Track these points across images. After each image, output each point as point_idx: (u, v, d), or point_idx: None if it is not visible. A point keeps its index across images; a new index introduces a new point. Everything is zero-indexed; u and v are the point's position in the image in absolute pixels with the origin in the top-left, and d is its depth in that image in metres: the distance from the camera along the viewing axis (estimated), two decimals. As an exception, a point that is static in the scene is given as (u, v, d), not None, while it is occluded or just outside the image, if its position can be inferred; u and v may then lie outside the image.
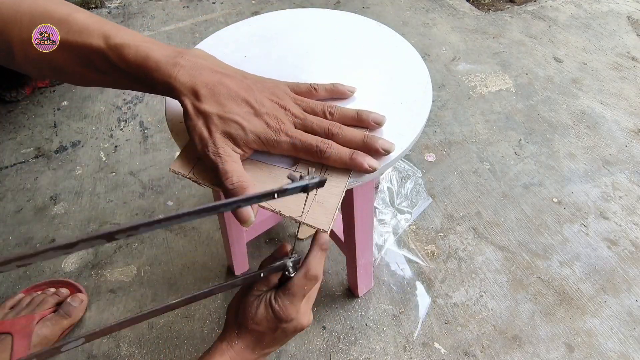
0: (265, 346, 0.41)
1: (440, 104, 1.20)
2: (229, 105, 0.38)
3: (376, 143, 0.41)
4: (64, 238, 0.92)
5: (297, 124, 0.40)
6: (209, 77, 0.38)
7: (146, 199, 0.99)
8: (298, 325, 0.40)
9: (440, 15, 1.52)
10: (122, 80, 0.40)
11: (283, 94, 0.42)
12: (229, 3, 1.61)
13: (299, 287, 0.39)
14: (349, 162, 0.40)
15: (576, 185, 1.00)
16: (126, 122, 1.18)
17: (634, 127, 1.13)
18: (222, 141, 0.37)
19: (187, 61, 0.38)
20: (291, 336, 0.42)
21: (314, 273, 0.39)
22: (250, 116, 0.38)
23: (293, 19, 0.62)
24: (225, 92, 0.38)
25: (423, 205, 0.97)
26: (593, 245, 0.90)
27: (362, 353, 0.76)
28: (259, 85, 0.41)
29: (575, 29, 1.45)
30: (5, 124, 1.18)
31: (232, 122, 0.37)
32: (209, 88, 0.37)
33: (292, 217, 0.37)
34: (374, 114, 0.44)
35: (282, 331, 0.40)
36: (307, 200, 0.37)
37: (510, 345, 0.76)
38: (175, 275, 0.86)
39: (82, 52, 0.38)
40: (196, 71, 0.38)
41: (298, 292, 0.39)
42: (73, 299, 0.79)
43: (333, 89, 0.47)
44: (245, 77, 0.41)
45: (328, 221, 0.37)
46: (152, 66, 0.37)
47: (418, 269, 0.86)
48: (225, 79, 0.39)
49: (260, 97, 0.39)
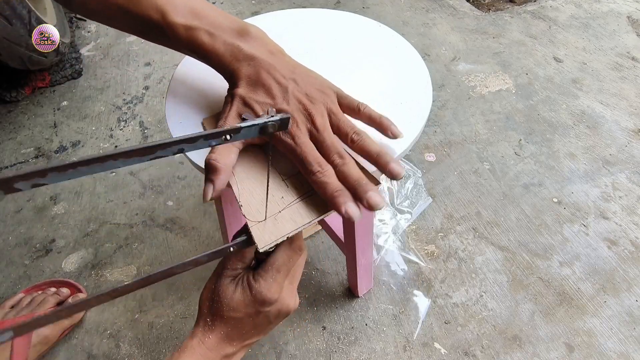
0: (245, 336, 0.37)
1: (440, 104, 1.20)
2: (257, 93, 0.39)
3: (365, 193, 0.35)
4: (63, 238, 0.92)
5: (312, 133, 0.38)
6: (256, 69, 0.39)
7: (146, 199, 0.99)
8: (283, 307, 0.36)
9: (440, 15, 1.52)
10: (180, 50, 0.42)
11: (319, 100, 0.39)
12: (229, 3, 1.61)
13: (282, 260, 0.35)
14: (330, 199, 0.35)
15: (576, 185, 1.00)
16: (126, 122, 1.18)
17: (634, 127, 1.13)
18: (233, 120, 0.38)
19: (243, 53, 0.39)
20: (275, 322, 0.38)
21: (298, 243, 0.36)
22: (268, 107, 0.38)
23: (293, 19, 0.62)
24: (261, 82, 0.39)
25: (423, 205, 0.97)
26: (593, 245, 0.90)
27: (362, 353, 0.76)
28: (301, 83, 0.39)
29: (575, 29, 1.45)
30: (5, 124, 1.18)
31: (249, 106, 0.38)
32: (251, 77, 0.39)
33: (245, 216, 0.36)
34: (393, 164, 0.37)
35: (264, 316, 0.36)
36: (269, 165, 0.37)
37: (510, 345, 0.76)
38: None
39: (140, 21, 0.40)
40: (248, 62, 0.39)
41: (282, 266, 0.35)
42: (74, 299, 0.79)
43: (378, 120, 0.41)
44: (293, 72, 0.40)
45: (267, 242, 0.34)
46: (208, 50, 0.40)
47: (418, 269, 0.86)
48: (269, 71, 0.39)
49: (290, 95, 0.39)
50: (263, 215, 0.36)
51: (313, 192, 0.37)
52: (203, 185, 0.36)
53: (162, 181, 1.03)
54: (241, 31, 0.40)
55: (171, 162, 1.07)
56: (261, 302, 0.35)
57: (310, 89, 0.40)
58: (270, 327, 0.38)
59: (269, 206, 0.36)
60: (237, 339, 0.36)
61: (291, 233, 0.35)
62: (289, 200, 0.37)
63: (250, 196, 0.37)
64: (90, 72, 1.32)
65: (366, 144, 0.39)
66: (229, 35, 0.40)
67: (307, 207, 0.37)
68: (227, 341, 0.36)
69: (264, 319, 0.36)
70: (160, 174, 1.04)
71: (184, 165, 1.06)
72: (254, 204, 0.37)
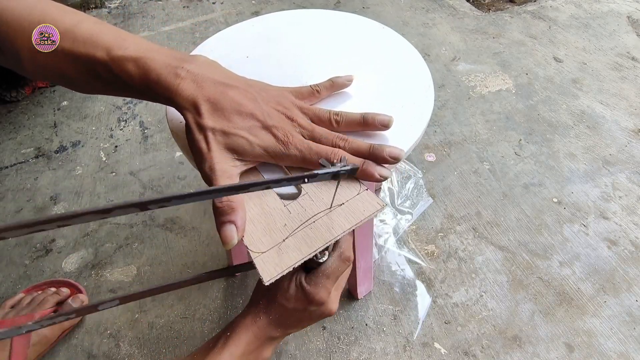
0: (289, 325, 0.40)
1: (440, 104, 1.20)
2: (234, 119, 0.37)
3: (383, 152, 0.39)
4: (63, 238, 0.92)
5: (305, 135, 0.40)
6: (211, 90, 0.37)
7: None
8: (326, 310, 0.39)
9: (440, 15, 1.52)
10: (127, 90, 0.39)
11: (289, 104, 0.41)
12: (229, 3, 1.61)
13: (333, 268, 0.38)
14: (360, 172, 0.38)
15: (576, 185, 1.00)
16: (126, 122, 1.18)
17: (634, 127, 1.13)
18: (221, 156, 0.36)
19: (188, 73, 0.36)
20: (315, 321, 0.41)
21: (347, 254, 0.39)
22: (257, 130, 0.37)
23: (295, 19, 0.62)
24: (229, 105, 0.37)
25: (424, 205, 0.97)
26: (593, 245, 0.90)
27: (362, 353, 0.76)
28: (264, 94, 0.40)
29: (575, 29, 1.45)
30: (5, 124, 1.18)
31: (237, 136, 0.36)
32: (212, 102, 0.36)
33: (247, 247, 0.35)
34: (380, 116, 0.43)
35: (309, 314, 0.39)
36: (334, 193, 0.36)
37: (510, 345, 0.76)
38: (175, 275, 0.86)
39: (86, 63, 0.38)
40: (198, 83, 0.36)
41: (332, 274, 0.38)
42: (74, 300, 0.78)
43: (332, 85, 0.47)
44: (250, 85, 0.40)
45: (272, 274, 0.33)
46: (153, 79, 0.36)
47: (418, 269, 0.86)
48: (229, 90, 0.37)
49: (266, 108, 0.38)
50: (266, 246, 0.35)
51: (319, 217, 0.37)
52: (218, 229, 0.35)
53: (162, 181, 1.03)
54: (185, 57, 0.38)
55: (171, 162, 1.07)
56: (310, 302, 0.38)
57: (274, 96, 0.40)
58: (309, 324, 0.42)
59: (272, 236, 0.35)
60: (282, 327, 0.40)
61: (297, 263, 0.34)
62: (293, 227, 0.36)
63: (251, 224, 0.36)
64: (90, 72, 1.32)
65: (349, 117, 0.43)
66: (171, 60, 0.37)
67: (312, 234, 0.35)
68: (273, 325, 0.39)
69: (308, 315, 0.40)
70: (160, 174, 1.04)
71: (184, 165, 1.06)
72: (255, 233, 0.36)
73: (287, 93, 0.43)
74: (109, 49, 0.37)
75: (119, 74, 0.37)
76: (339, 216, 0.36)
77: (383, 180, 0.39)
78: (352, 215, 0.36)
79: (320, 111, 0.42)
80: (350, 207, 0.37)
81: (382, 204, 0.37)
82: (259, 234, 0.36)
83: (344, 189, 0.38)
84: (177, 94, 0.36)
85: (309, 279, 0.38)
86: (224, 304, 0.82)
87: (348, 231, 0.36)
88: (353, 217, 0.36)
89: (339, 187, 0.37)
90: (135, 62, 0.37)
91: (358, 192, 0.38)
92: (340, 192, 0.38)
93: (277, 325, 0.39)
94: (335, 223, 0.36)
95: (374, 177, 0.38)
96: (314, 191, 0.39)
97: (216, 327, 0.79)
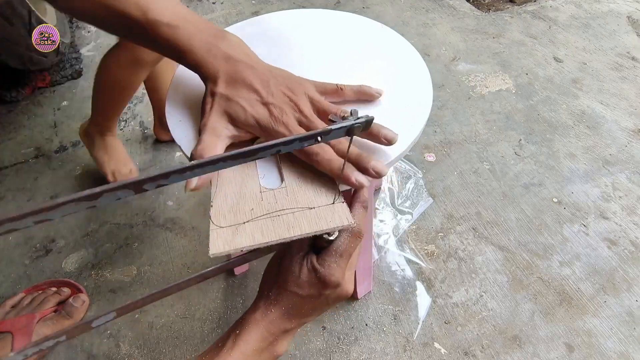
0: (305, 314, 0.38)
1: (440, 104, 1.20)
2: (240, 90, 0.40)
3: (367, 163, 0.39)
4: (63, 238, 0.91)
5: (302, 122, 0.40)
6: (233, 67, 0.41)
7: (146, 198, 0.99)
8: (342, 292, 0.37)
9: (440, 15, 1.52)
10: (155, 48, 0.42)
11: (300, 91, 0.41)
12: (229, 3, 1.61)
13: (345, 244, 0.36)
14: (337, 172, 0.38)
15: (576, 185, 1.00)
16: (126, 122, 1.18)
17: (634, 127, 1.13)
18: (217, 116, 0.39)
19: (219, 51, 0.41)
20: (332, 304, 0.39)
21: (358, 229, 0.37)
22: (256, 102, 0.40)
23: (295, 19, 0.62)
24: (242, 79, 0.40)
25: (424, 205, 0.97)
26: (593, 245, 0.90)
27: (362, 353, 0.76)
28: (280, 79, 0.42)
29: (575, 29, 1.45)
30: (5, 124, 1.18)
31: (236, 103, 0.39)
32: (230, 75, 0.40)
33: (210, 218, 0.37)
34: (385, 130, 0.41)
35: (325, 298, 0.37)
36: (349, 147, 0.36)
37: (510, 345, 0.76)
38: (175, 275, 0.86)
39: (121, 18, 0.40)
40: (225, 61, 0.40)
41: (344, 251, 0.36)
42: (75, 300, 0.79)
43: (360, 90, 0.47)
44: (270, 70, 0.42)
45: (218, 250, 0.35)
46: (186, 49, 0.40)
47: (418, 269, 0.86)
48: (248, 70, 0.41)
49: (274, 89, 0.41)
50: (226, 222, 0.36)
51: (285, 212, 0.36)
52: None
53: (162, 181, 1.03)
54: (219, 33, 0.42)
55: (171, 162, 1.07)
56: (325, 285, 0.36)
57: (289, 81, 0.42)
58: (326, 309, 0.40)
59: (236, 215, 0.36)
60: (296, 317, 0.38)
61: (244, 248, 0.34)
62: (257, 214, 0.36)
63: (223, 200, 0.38)
64: (91, 72, 1.32)
65: None
66: (206, 35, 0.41)
67: (272, 226, 0.35)
68: (287, 317, 0.37)
69: (324, 300, 0.37)
70: (160, 174, 1.04)
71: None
72: (223, 208, 0.37)
73: (307, 83, 0.43)
74: (144, 10, 0.40)
75: (152, 36, 0.40)
76: (303, 218, 0.36)
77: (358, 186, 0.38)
78: (317, 222, 0.35)
79: (330, 106, 0.42)
80: (318, 213, 0.36)
81: (351, 220, 0.35)
82: (225, 210, 0.37)
83: (322, 193, 0.38)
84: (205, 67, 0.41)
85: (322, 260, 0.36)
86: (224, 304, 0.82)
87: (303, 236, 0.35)
88: (316, 224, 0.35)
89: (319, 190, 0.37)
90: (170, 30, 0.40)
91: (333, 201, 0.37)
92: (316, 197, 0.37)
93: (292, 316, 0.37)
94: (297, 223, 0.35)
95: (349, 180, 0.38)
96: (293, 187, 0.38)
97: (216, 327, 0.79)
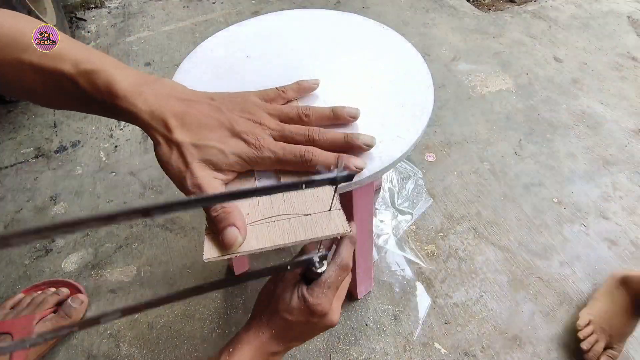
0: (292, 339, 0.40)
1: (440, 104, 1.20)
2: (202, 132, 0.37)
3: (357, 140, 0.40)
4: (63, 238, 0.91)
5: (276, 136, 0.39)
6: (176, 106, 0.37)
7: (146, 199, 0.99)
8: (328, 321, 0.39)
9: (440, 15, 1.52)
10: (91, 106, 0.39)
11: (254, 108, 0.40)
12: (229, 3, 1.61)
13: (332, 277, 0.38)
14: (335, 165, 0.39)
15: (576, 185, 1.00)
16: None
17: (634, 127, 1.13)
18: (201, 170, 0.36)
19: (153, 90, 0.37)
20: (317, 333, 0.41)
21: (346, 262, 0.39)
22: (227, 138, 0.37)
23: (295, 19, 0.62)
24: (195, 120, 0.37)
25: (424, 206, 0.97)
26: (593, 245, 0.90)
27: (362, 353, 0.76)
28: (228, 104, 0.40)
29: (575, 29, 1.45)
30: (5, 124, 1.18)
31: (210, 148, 0.36)
32: (178, 117, 0.36)
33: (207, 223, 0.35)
34: (348, 108, 0.44)
35: (312, 326, 0.39)
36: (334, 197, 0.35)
37: (510, 345, 0.76)
38: (175, 275, 0.86)
39: (53, 77, 0.37)
40: (162, 101, 0.37)
41: (332, 283, 0.38)
42: (73, 300, 0.78)
43: (299, 87, 0.47)
44: (213, 99, 0.40)
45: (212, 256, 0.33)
46: (118, 94, 0.36)
47: (418, 269, 0.86)
48: (193, 105, 0.38)
49: (232, 116, 0.38)
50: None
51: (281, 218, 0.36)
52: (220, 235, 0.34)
53: (162, 181, 1.03)
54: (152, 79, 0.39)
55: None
56: (312, 313, 0.38)
57: (239, 104, 0.40)
58: (312, 336, 0.41)
59: None
60: (284, 340, 0.39)
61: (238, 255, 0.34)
62: (253, 219, 0.36)
63: None
64: (90, 72, 1.32)
65: (318, 112, 0.43)
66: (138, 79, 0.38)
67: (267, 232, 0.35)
68: (275, 340, 0.39)
69: (310, 328, 0.39)
70: (160, 174, 1.04)
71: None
72: None
73: (252, 97, 0.42)
74: (77, 62, 0.37)
75: (85, 88, 0.37)
76: (299, 225, 0.35)
77: (359, 171, 0.40)
78: (312, 229, 0.35)
79: (288, 108, 0.42)
80: (314, 219, 0.35)
81: (348, 229, 0.35)
82: None
83: (319, 200, 0.37)
84: (143, 111, 0.36)
85: (311, 290, 0.38)
86: (224, 304, 0.82)
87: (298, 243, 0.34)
88: (312, 231, 0.35)
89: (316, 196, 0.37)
90: (101, 75, 0.36)
91: (330, 208, 0.36)
92: (313, 203, 0.37)
93: (280, 340, 0.39)
94: (292, 230, 0.35)
95: (349, 169, 0.39)
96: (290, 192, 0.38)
97: (216, 327, 0.79)
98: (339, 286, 0.39)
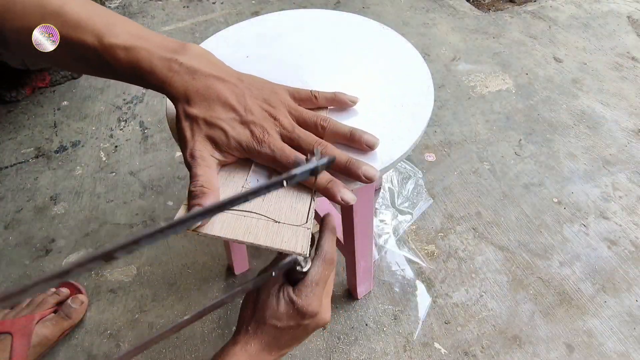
0: (284, 345, 0.38)
1: (440, 104, 1.20)
2: (217, 110, 0.37)
3: (358, 169, 0.38)
4: (63, 238, 0.91)
5: (284, 135, 0.39)
6: (201, 82, 0.38)
7: (146, 199, 0.99)
8: (320, 320, 0.38)
9: (440, 15, 1.52)
10: (116, 76, 0.39)
11: (277, 102, 0.40)
12: (229, 3, 1.61)
13: (319, 274, 0.37)
14: (322, 190, 0.37)
15: (576, 185, 1.00)
16: (126, 122, 1.18)
17: (634, 127, 1.13)
18: (202, 144, 0.37)
19: (182, 66, 0.37)
20: (311, 333, 0.39)
21: (330, 256, 0.38)
22: (235, 123, 0.38)
23: (295, 19, 0.62)
24: (215, 96, 0.38)
25: (424, 205, 0.97)
26: (593, 245, 0.90)
27: (362, 353, 0.76)
28: (254, 90, 0.40)
29: (575, 29, 1.45)
30: (5, 124, 1.18)
31: (217, 127, 0.37)
32: (200, 93, 0.37)
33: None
34: (367, 135, 0.41)
35: (304, 328, 0.37)
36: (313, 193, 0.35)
37: (510, 345, 0.76)
38: (175, 275, 0.86)
39: (76, 48, 0.38)
40: (190, 75, 0.37)
41: (320, 280, 0.37)
42: (73, 301, 0.78)
43: (334, 98, 0.45)
44: (242, 80, 0.40)
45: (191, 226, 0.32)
46: (146, 69, 0.37)
47: (418, 269, 0.86)
48: (218, 83, 0.38)
49: (250, 103, 0.38)
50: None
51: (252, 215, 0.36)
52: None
53: (162, 181, 1.03)
54: (179, 47, 0.39)
55: (171, 162, 1.07)
56: (303, 316, 0.36)
57: (264, 93, 0.40)
58: (305, 337, 0.40)
59: None
60: (276, 348, 0.38)
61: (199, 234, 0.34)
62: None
63: None
64: (90, 72, 1.32)
65: (336, 127, 0.41)
66: (165, 51, 0.38)
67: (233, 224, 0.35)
68: (267, 350, 0.37)
69: (302, 330, 0.38)
70: (160, 174, 1.04)
71: (183, 165, 1.06)
72: None
73: (281, 91, 0.42)
74: (99, 35, 0.37)
75: (109, 62, 0.37)
76: (264, 229, 0.35)
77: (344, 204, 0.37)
78: (273, 238, 0.35)
79: (309, 114, 0.41)
80: (280, 229, 0.35)
81: (305, 252, 0.34)
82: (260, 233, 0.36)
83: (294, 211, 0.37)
84: (171, 85, 0.37)
85: (298, 291, 0.36)
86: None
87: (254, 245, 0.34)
88: (271, 240, 0.35)
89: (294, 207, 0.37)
90: (127, 52, 0.37)
91: (299, 224, 0.36)
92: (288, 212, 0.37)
93: (271, 349, 0.37)
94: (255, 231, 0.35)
95: (335, 198, 0.37)
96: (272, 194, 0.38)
97: (216, 327, 0.79)
98: (326, 281, 0.38)
